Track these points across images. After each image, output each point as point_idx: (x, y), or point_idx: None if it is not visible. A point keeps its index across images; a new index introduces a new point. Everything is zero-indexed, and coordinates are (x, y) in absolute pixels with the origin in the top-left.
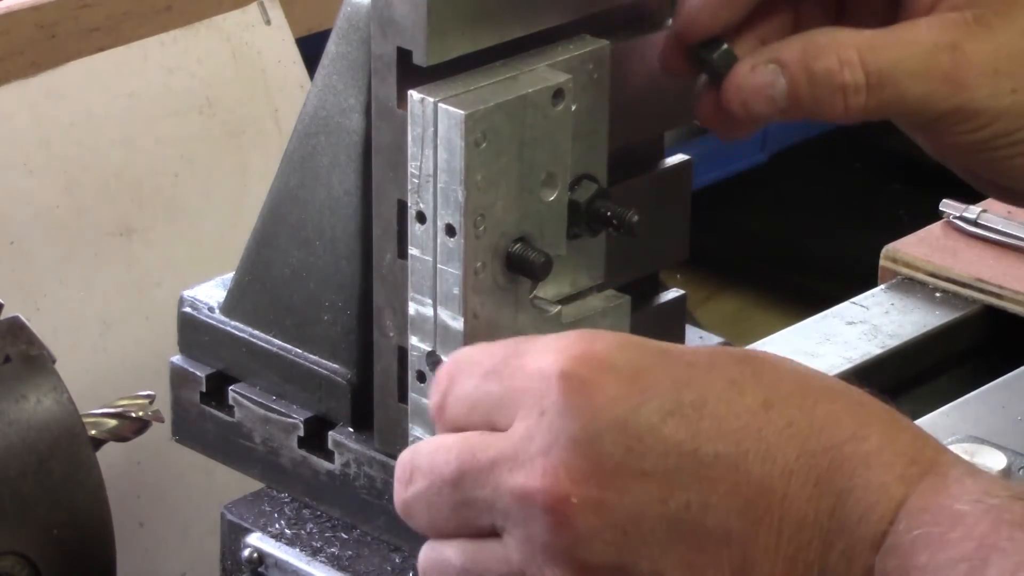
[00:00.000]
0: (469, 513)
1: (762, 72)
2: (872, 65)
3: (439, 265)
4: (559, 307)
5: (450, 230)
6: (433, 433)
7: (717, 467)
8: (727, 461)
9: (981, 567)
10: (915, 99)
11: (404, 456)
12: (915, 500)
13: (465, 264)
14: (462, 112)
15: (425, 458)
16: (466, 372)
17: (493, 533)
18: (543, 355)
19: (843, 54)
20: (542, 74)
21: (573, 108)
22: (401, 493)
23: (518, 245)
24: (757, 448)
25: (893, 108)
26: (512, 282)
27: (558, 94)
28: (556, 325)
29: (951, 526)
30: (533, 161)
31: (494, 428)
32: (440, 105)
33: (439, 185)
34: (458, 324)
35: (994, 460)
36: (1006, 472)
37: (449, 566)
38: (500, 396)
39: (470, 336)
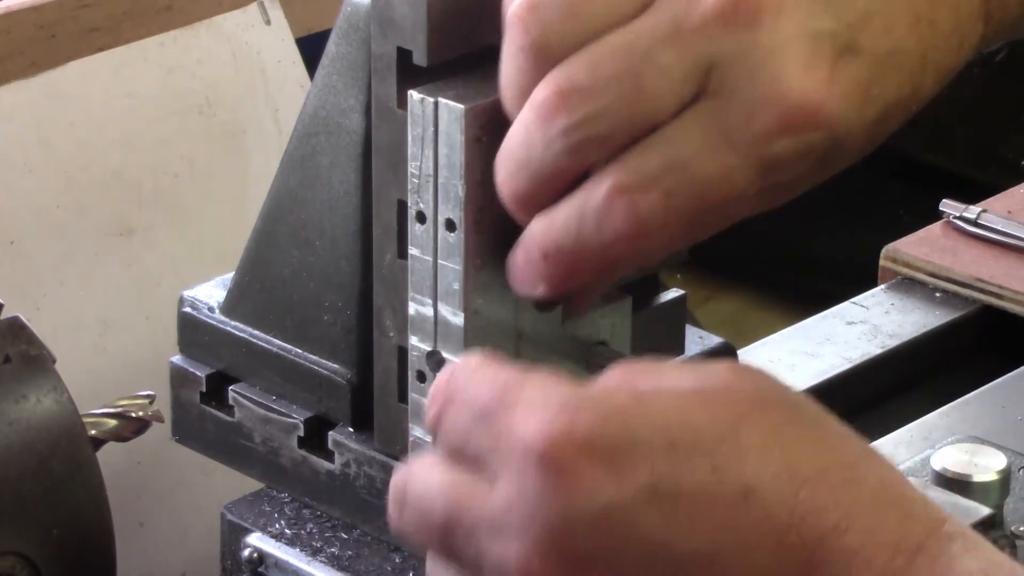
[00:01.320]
0: (457, 561)
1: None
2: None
3: (440, 261)
4: (559, 305)
5: (450, 225)
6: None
7: (690, 566)
8: (701, 559)
9: None
10: None
11: (397, 480)
12: None
13: (465, 260)
14: (462, 107)
15: (415, 495)
16: (459, 404)
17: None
18: (527, 420)
19: None
20: None
21: None
22: (394, 518)
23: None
24: (732, 544)
25: None
26: None
27: None
28: (556, 324)
29: None
30: None
31: (481, 471)
32: (440, 100)
33: (439, 181)
34: (458, 320)
35: (994, 460)
36: (1006, 472)
37: None
38: (488, 449)
39: (470, 332)
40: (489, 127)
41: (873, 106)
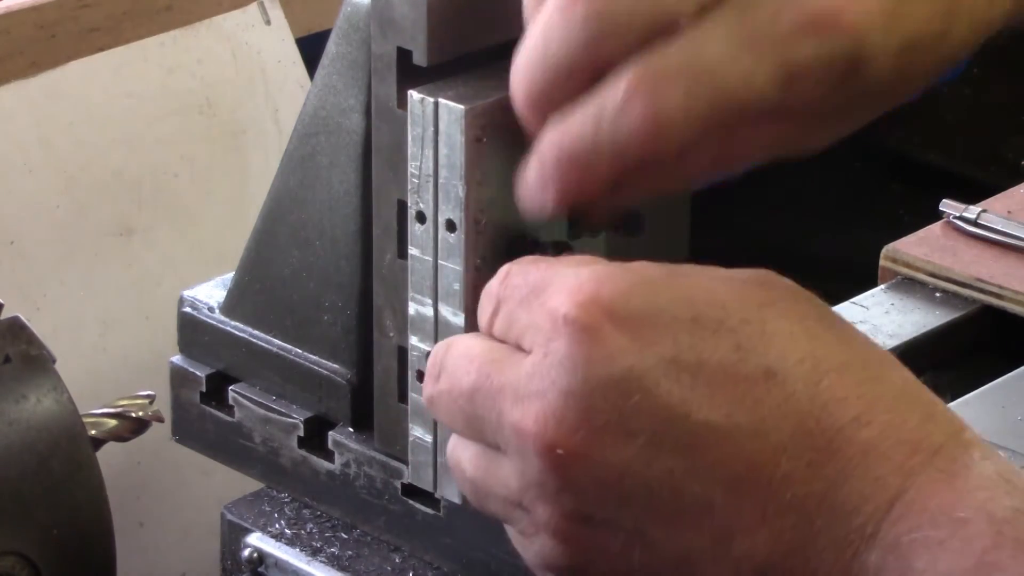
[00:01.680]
0: (479, 426)
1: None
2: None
3: (440, 261)
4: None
5: (450, 226)
6: (433, 433)
7: (706, 437)
8: (717, 432)
9: None
10: None
11: (438, 349)
12: (914, 496)
13: (466, 260)
14: (462, 107)
15: (452, 361)
16: (510, 295)
17: (499, 448)
18: (558, 294)
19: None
20: None
21: None
22: (428, 387)
23: (519, 241)
24: (750, 421)
25: None
26: None
27: None
28: None
29: (951, 533)
30: None
31: (520, 347)
32: (440, 101)
33: (440, 181)
34: (459, 320)
35: None
36: None
37: (462, 472)
38: (526, 325)
39: (471, 332)
40: (489, 127)
41: (899, 30)
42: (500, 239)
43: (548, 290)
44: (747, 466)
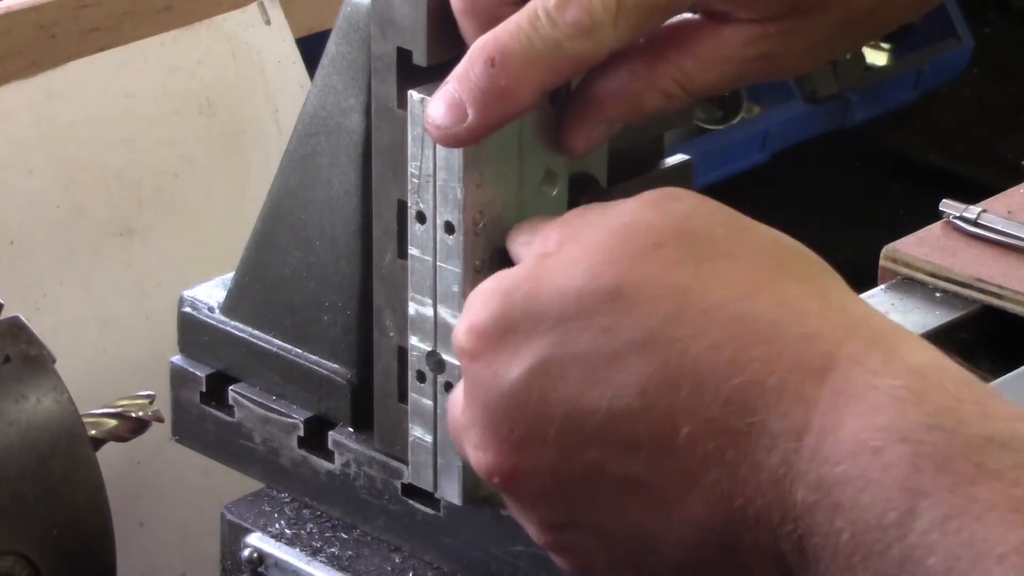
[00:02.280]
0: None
1: (598, 133)
2: (693, 89)
3: (438, 263)
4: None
5: (449, 228)
6: (433, 433)
7: (605, 421)
8: (612, 413)
9: (910, 518)
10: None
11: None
12: (822, 425)
13: (464, 262)
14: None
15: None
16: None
17: None
18: (458, 327)
19: (665, 88)
20: None
21: None
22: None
23: None
24: (636, 396)
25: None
26: None
27: (555, 92)
28: None
29: (868, 464)
30: (533, 159)
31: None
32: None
33: (439, 183)
34: (457, 322)
35: None
36: None
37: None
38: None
39: None
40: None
41: None
42: (499, 240)
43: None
44: (651, 437)
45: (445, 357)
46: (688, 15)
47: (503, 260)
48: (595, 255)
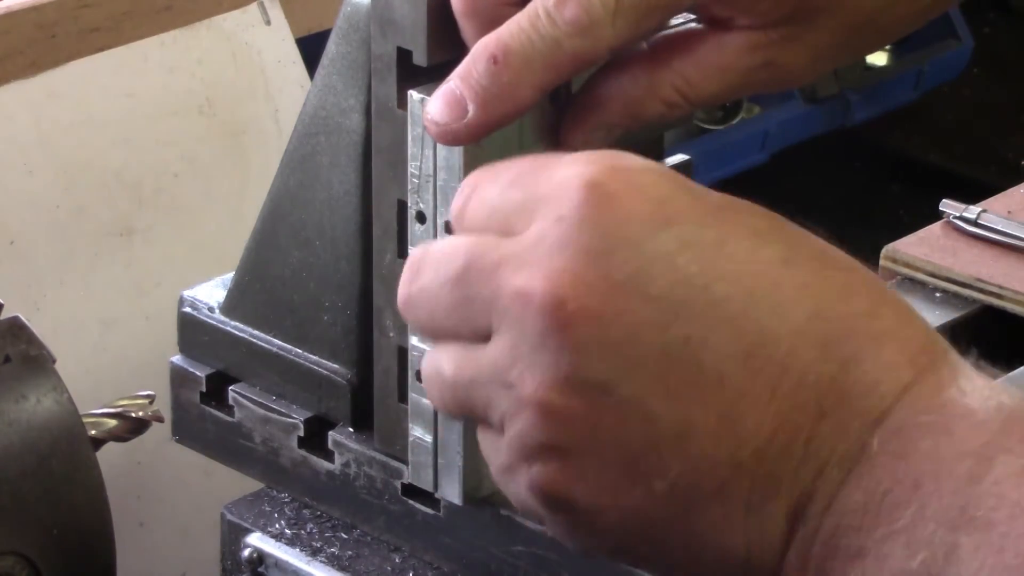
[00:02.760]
0: (467, 312)
1: (596, 137)
2: (694, 97)
3: None
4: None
5: (448, 228)
6: (433, 433)
7: (725, 308)
8: (736, 305)
9: (987, 465)
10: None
11: (415, 253)
12: (923, 387)
13: None
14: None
15: (434, 255)
16: (490, 180)
17: (486, 338)
18: (571, 166)
19: (665, 96)
20: None
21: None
22: (404, 288)
23: None
24: (770, 299)
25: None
26: None
27: (555, 93)
28: None
29: (959, 419)
30: None
31: (510, 234)
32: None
33: (439, 183)
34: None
35: None
36: None
37: (441, 376)
38: (521, 202)
39: None
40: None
41: None
42: None
43: (552, 168)
44: (762, 341)
45: None
46: (691, 24)
47: None
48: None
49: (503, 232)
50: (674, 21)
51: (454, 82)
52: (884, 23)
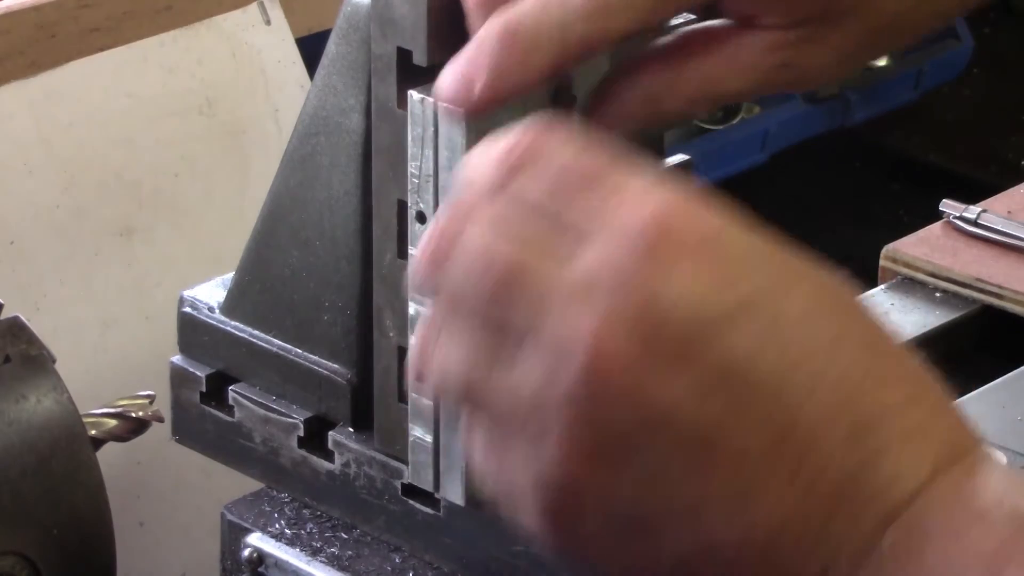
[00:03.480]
0: (504, 312)
1: (613, 135)
2: (715, 95)
3: None
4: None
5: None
6: (433, 433)
7: (764, 387)
8: (774, 384)
9: (996, 572)
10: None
11: (433, 231)
12: (941, 486)
13: None
14: (461, 109)
15: (469, 245)
16: (545, 165)
17: (510, 356)
18: (642, 196)
19: (688, 93)
20: None
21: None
22: (424, 275)
23: None
24: (809, 383)
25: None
26: None
27: (560, 93)
28: None
29: (973, 522)
30: None
31: (554, 249)
32: (439, 103)
33: (442, 184)
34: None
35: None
36: None
37: (453, 363)
38: (576, 218)
39: None
40: (490, 130)
41: None
42: None
43: (618, 187)
44: (793, 426)
45: None
46: (715, 21)
47: None
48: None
49: (544, 243)
50: (677, 20)
51: (463, 56)
52: (907, 25)
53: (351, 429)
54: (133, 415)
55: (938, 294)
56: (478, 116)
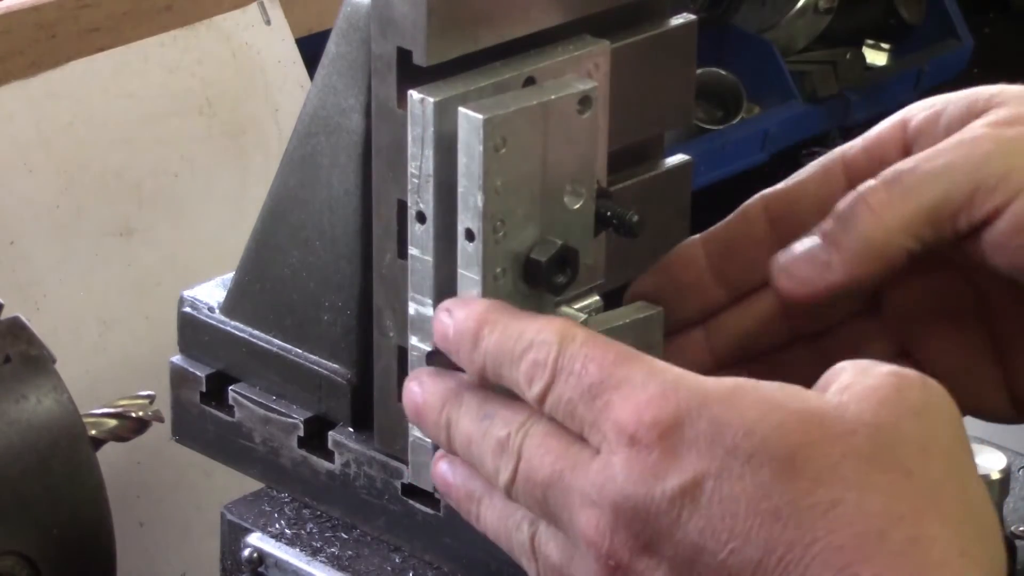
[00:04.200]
0: (548, 512)
1: (796, 243)
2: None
3: (459, 271)
4: (584, 316)
5: (469, 235)
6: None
7: (716, 568)
8: (742, 565)
9: None
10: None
11: (505, 435)
12: None
13: (484, 270)
14: (481, 116)
15: (529, 447)
16: (568, 376)
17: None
18: (627, 401)
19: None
20: (567, 81)
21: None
22: (504, 473)
23: (535, 252)
24: (760, 554)
25: (927, 207)
26: (536, 288)
27: (584, 101)
28: None
29: None
30: (558, 169)
31: (587, 442)
32: (460, 109)
33: (459, 190)
34: (623, 397)
35: (994, 460)
36: (1006, 472)
37: (480, 512)
38: (590, 423)
39: None
40: (508, 136)
41: None
42: (520, 249)
43: (614, 394)
44: None
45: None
46: None
47: (523, 270)
48: (789, 415)
49: (579, 433)
50: None
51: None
52: None
53: (351, 429)
54: (133, 415)
55: None
56: None
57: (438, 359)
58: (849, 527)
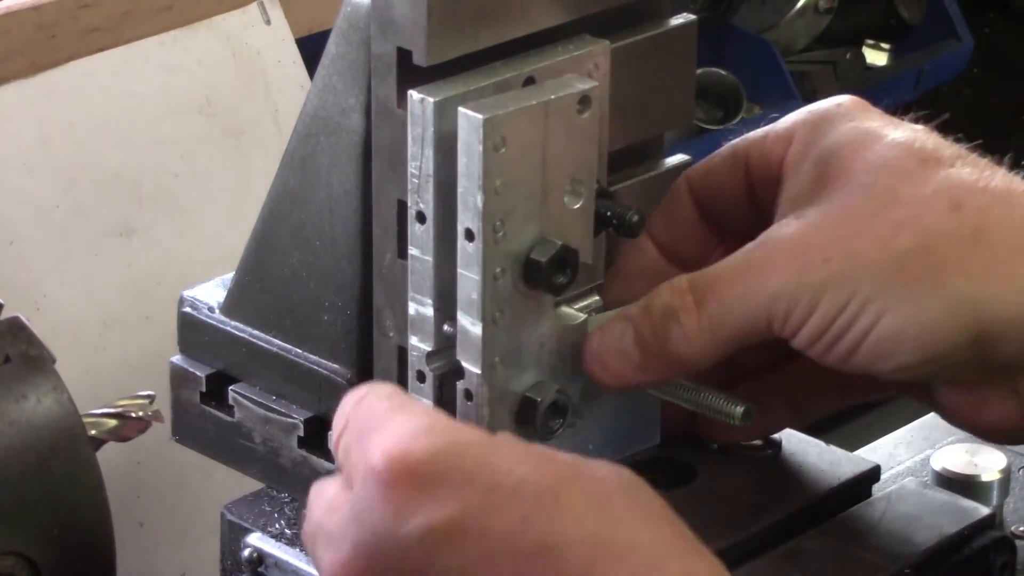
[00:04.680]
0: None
1: (611, 329)
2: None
3: (459, 271)
4: (584, 316)
5: (469, 235)
6: None
7: None
8: None
9: None
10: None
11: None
12: None
13: (484, 269)
14: (481, 116)
15: (313, 493)
16: (353, 423)
17: None
18: (379, 442)
19: (673, 283)
20: (567, 80)
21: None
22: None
23: (535, 252)
24: None
25: (731, 330)
26: (535, 288)
27: (583, 101)
28: (580, 334)
29: None
30: (557, 169)
31: (350, 487)
32: (460, 109)
33: (459, 190)
34: (477, 330)
35: (994, 460)
36: (1006, 472)
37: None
38: (354, 462)
39: (489, 342)
40: (510, 136)
41: None
42: (520, 250)
43: (375, 434)
44: None
45: (465, 366)
46: None
47: (523, 270)
48: (549, 453)
49: (348, 474)
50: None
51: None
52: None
53: None
54: (133, 415)
55: None
56: None
57: (438, 359)
58: (621, 562)
